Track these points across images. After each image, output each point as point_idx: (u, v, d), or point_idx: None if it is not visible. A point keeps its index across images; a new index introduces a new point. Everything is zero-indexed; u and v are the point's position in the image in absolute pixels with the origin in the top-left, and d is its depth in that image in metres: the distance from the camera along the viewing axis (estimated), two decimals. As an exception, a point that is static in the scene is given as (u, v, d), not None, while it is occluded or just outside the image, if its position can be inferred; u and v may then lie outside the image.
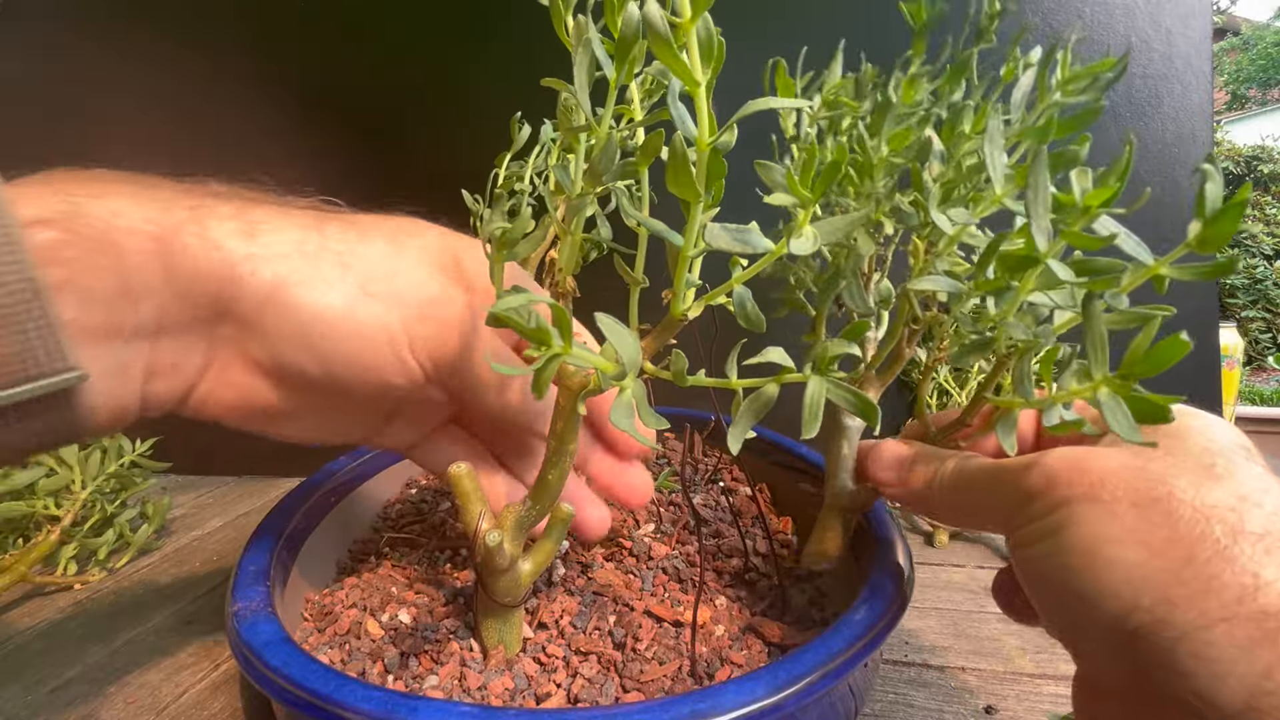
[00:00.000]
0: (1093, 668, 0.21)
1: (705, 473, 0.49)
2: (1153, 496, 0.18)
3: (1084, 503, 0.19)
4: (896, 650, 0.38)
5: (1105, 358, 0.19)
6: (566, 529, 0.29)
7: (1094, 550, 0.18)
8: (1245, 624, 0.16)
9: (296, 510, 0.37)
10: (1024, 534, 0.21)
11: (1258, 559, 0.17)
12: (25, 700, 0.35)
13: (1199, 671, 0.16)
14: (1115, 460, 0.20)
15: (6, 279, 0.19)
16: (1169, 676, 0.17)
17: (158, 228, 0.22)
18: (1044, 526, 0.20)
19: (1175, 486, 0.18)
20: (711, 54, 0.18)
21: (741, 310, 0.23)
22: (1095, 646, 0.19)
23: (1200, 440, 0.20)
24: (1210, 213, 0.18)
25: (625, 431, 0.21)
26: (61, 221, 0.20)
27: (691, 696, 0.23)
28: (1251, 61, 9.37)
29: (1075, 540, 0.19)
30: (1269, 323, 2.70)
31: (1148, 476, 0.19)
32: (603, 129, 0.22)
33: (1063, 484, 0.20)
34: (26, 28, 0.65)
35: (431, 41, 0.63)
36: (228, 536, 0.55)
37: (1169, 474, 0.19)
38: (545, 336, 0.20)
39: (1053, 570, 0.19)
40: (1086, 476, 0.19)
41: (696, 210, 0.20)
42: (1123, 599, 0.18)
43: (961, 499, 0.24)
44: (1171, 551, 0.17)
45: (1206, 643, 0.16)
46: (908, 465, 0.27)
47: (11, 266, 0.19)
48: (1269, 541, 0.17)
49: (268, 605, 0.28)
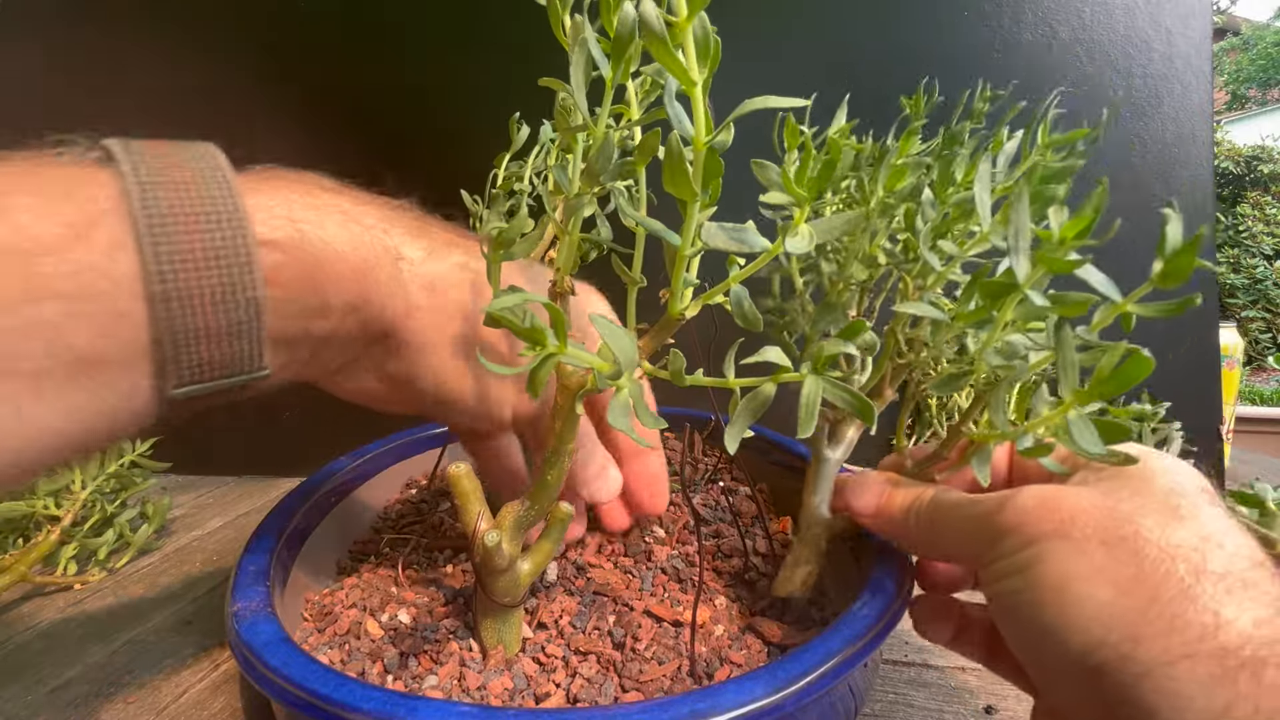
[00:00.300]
0: (1057, 700, 0.21)
1: (705, 472, 0.49)
2: (1120, 535, 0.19)
3: (1054, 539, 0.20)
4: (896, 650, 0.38)
5: (1075, 379, 0.20)
6: (565, 529, 0.29)
7: (1063, 586, 0.19)
8: (1206, 661, 0.17)
9: (296, 510, 0.37)
10: (996, 569, 0.21)
11: (1219, 598, 0.17)
12: (25, 700, 0.35)
13: (1161, 706, 0.17)
14: (1085, 499, 0.20)
15: (240, 297, 0.21)
16: (1132, 711, 0.17)
17: (360, 260, 0.25)
18: (1015, 562, 0.20)
19: (1142, 526, 0.19)
20: (708, 53, 0.18)
21: (739, 309, 0.23)
22: (1060, 679, 0.20)
23: (1165, 482, 0.21)
24: (1170, 251, 0.19)
25: (622, 431, 0.21)
26: (287, 246, 0.23)
27: (691, 696, 0.23)
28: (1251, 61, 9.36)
29: (1045, 576, 0.19)
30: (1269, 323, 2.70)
31: (1116, 516, 0.19)
32: (600, 129, 0.22)
33: (1034, 521, 0.20)
34: (27, 27, 0.65)
35: (433, 41, 0.63)
36: (228, 536, 0.55)
37: (1136, 514, 0.19)
38: (540, 336, 0.20)
39: (1022, 605, 0.20)
40: (1057, 514, 0.20)
41: (693, 209, 0.20)
42: (1090, 635, 0.18)
43: (937, 531, 0.25)
44: (1138, 590, 0.18)
45: (1170, 678, 0.17)
46: (886, 496, 0.28)
47: (244, 287, 0.21)
48: (1229, 581, 0.18)
49: (268, 605, 0.28)
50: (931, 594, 0.29)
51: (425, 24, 0.62)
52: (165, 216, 0.20)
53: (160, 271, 0.20)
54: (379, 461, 0.46)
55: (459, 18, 0.62)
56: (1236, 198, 2.89)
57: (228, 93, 0.64)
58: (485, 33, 0.62)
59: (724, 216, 0.21)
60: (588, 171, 0.23)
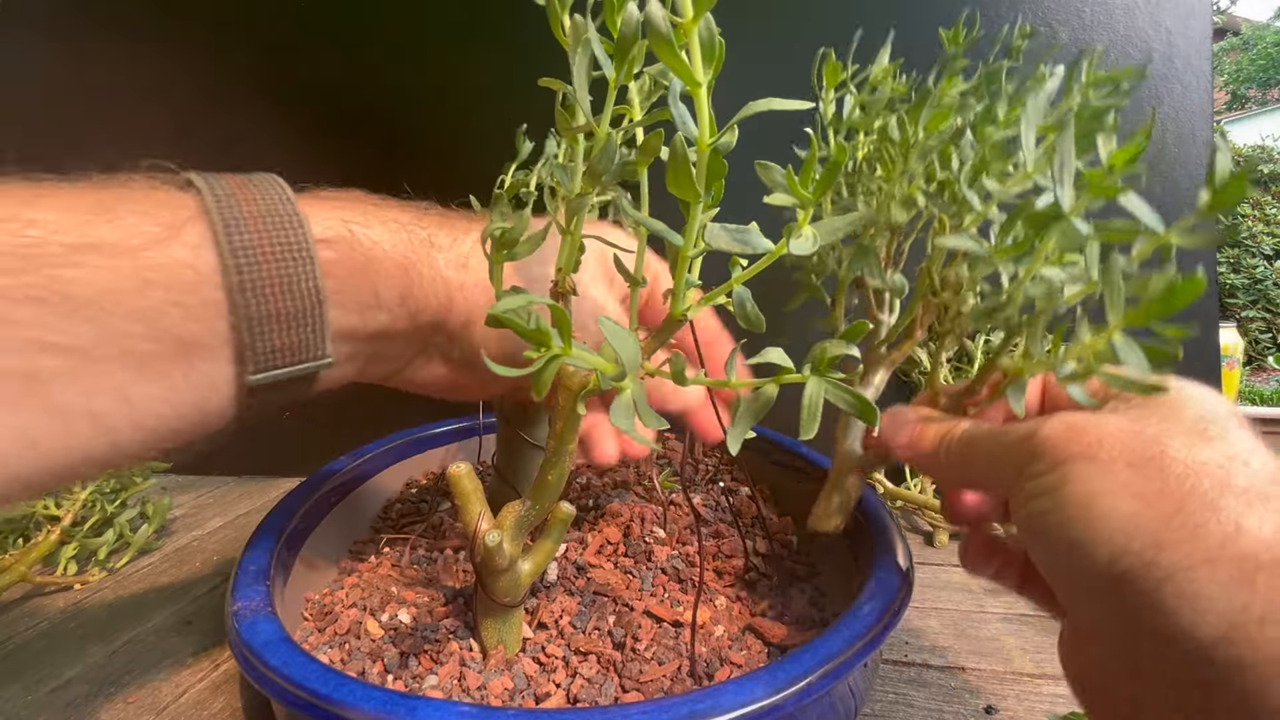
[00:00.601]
0: (1083, 618, 0.22)
1: (705, 473, 0.49)
2: (1147, 455, 0.20)
3: (1082, 461, 0.20)
4: (896, 650, 0.38)
5: (1121, 304, 0.21)
6: (566, 529, 0.29)
7: (1089, 503, 0.20)
8: (1226, 565, 0.18)
9: (296, 510, 0.37)
10: (1025, 491, 0.22)
11: (1241, 510, 0.18)
12: (25, 700, 0.35)
13: (1181, 608, 0.18)
14: (1113, 424, 0.21)
15: (302, 286, 0.24)
16: (1153, 615, 0.18)
17: (402, 257, 0.27)
18: (1045, 484, 0.21)
19: (1169, 446, 0.20)
20: (713, 54, 0.18)
21: (741, 311, 0.23)
22: (1086, 594, 0.21)
23: (1194, 408, 0.21)
24: (1220, 182, 0.19)
25: (625, 431, 0.21)
26: (339, 244, 0.26)
27: (691, 696, 0.23)
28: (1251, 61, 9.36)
29: (1072, 495, 0.20)
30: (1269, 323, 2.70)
31: (1143, 438, 0.20)
32: (602, 129, 0.22)
33: (1062, 444, 0.21)
34: (27, 26, 0.65)
35: (435, 41, 0.63)
36: (228, 536, 0.55)
37: (1163, 435, 0.20)
38: (545, 338, 0.20)
39: (1050, 525, 0.21)
40: (1085, 437, 0.21)
41: (696, 210, 0.20)
42: (1114, 545, 0.19)
43: (967, 462, 0.26)
44: (1162, 503, 0.19)
45: (1190, 581, 0.18)
46: (919, 430, 0.28)
47: (305, 277, 0.24)
48: (1251, 495, 0.19)
49: (268, 605, 0.28)
50: (977, 533, 0.29)
51: (429, 24, 0.62)
52: (238, 221, 0.23)
53: (236, 264, 0.23)
54: (379, 461, 0.46)
55: (461, 17, 0.62)
56: (1236, 198, 2.89)
57: (228, 92, 0.64)
58: (488, 33, 0.62)
59: (725, 217, 0.21)
60: (589, 172, 0.23)
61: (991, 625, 0.41)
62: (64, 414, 0.20)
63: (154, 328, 0.21)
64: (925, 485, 0.57)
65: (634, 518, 0.41)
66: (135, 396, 0.21)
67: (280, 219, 0.24)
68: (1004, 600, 0.43)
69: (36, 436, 0.20)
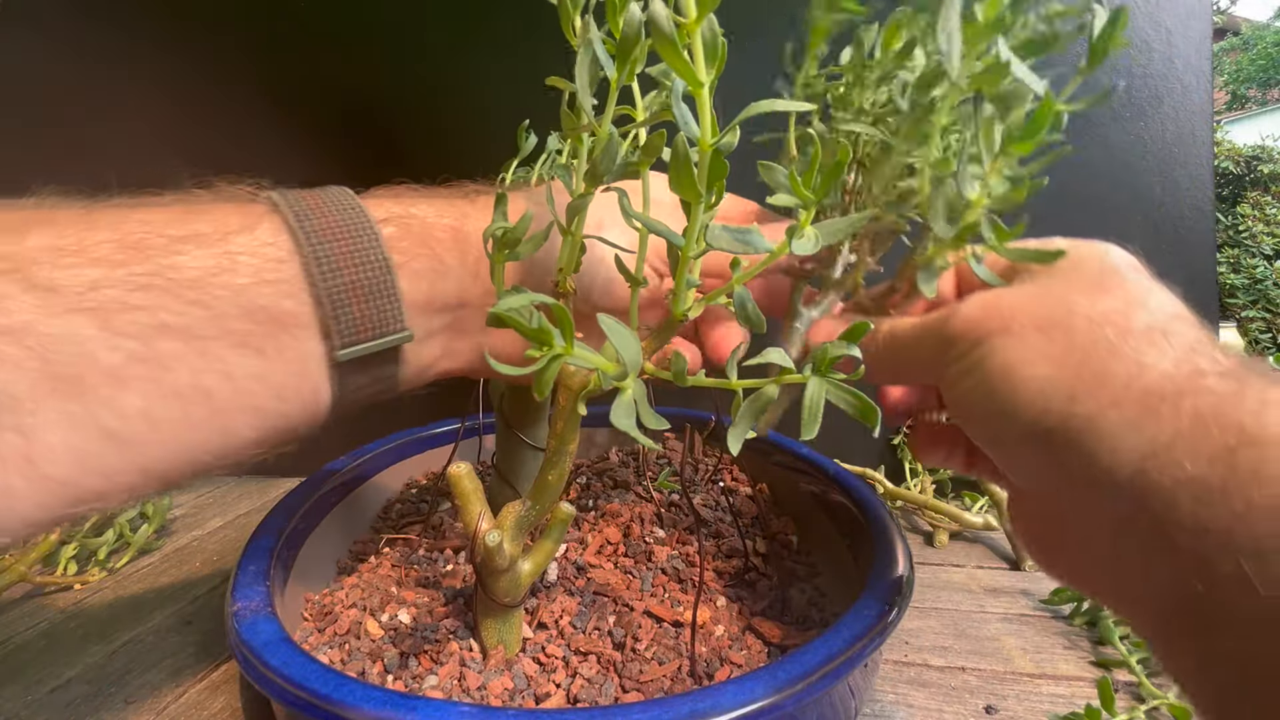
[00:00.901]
0: (1020, 476, 0.23)
1: (705, 473, 0.49)
2: (1054, 319, 0.21)
3: (997, 336, 0.22)
4: (896, 650, 0.38)
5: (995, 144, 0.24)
6: (566, 529, 0.29)
7: (1008, 374, 0.21)
8: (1132, 404, 0.19)
9: (296, 510, 0.37)
10: (951, 374, 0.23)
11: (1141, 349, 0.20)
12: (25, 700, 0.35)
13: (1099, 452, 0.19)
14: (1022, 295, 0.22)
15: (370, 258, 0.25)
16: (1078, 462, 0.20)
17: (452, 223, 0.29)
18: (966, 364, 0.22)
19: (1074, 305, 0.21)
20: (715, 55, 0.18)
21: (741, 311, 0.23)
22: (1019, 458, 0.22)
23: (1094, 265, 0.23)
24: (1097, 37, 0.22)
25: (625, 431, 0.21)
26: (397, 221, 0.27)
27: (691, 696, 0.23)
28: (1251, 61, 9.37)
29: (992, 369, 0.21)
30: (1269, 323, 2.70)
31: (1049, 302, 0.22)
32: (604, 129, 0.22)
33: (978, 323, 0.22)
34: (28, 25, 0.65)
35: (436, 40, 0.62)
36: (228, 536, 0.55)
37: (1066, 296, 0.22)
38: (547, 337, 0.20)
39: (977, 399, 0.22)
40: (997, 313, 0.22)
41: (697, 211, 0.20)
42: (1035, 407, 0.20)
43: (895, 356, 0.27)
44: (1070, 359, 0.20)
45: (1103, 424, 0.19)
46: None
47: (373, 251, 0.25)
48: (1152, 334, 0.20)
49: (268, 605, 0.28)
50: (921, 424, 0.31)
51: (430, 22, 0.62)
52: (306, 211, 0.25)
53: (310, 245, 0.24)
54: (379, 461, 0.46)
55: (462, 17, 0.62)
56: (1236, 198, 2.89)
57: (228, 92, 0.64)
58: (488, 32, 0.62)
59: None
60: (591, 171, 0.23)
61: (991, 625, 0.41)
62: (178, 394, 0.22)
63: (248, 306, 0.23)
64: (925, 485, 0.57)
65: (634, 518, 0.41)
66: (237, 374, 0.23)
67: (343, 207, 0.26)
68: (1004, 600, 0.43)
69: (158, 418, 0.21)
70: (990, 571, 0.48)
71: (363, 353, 0.25)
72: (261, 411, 0.24)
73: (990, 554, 0.50)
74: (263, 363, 0.23)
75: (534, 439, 0.38)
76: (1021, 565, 0.48)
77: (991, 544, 0.52)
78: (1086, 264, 0.23)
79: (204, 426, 0.23)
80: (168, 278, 0.21)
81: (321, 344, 0.25)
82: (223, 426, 0.23)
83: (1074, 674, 0.36)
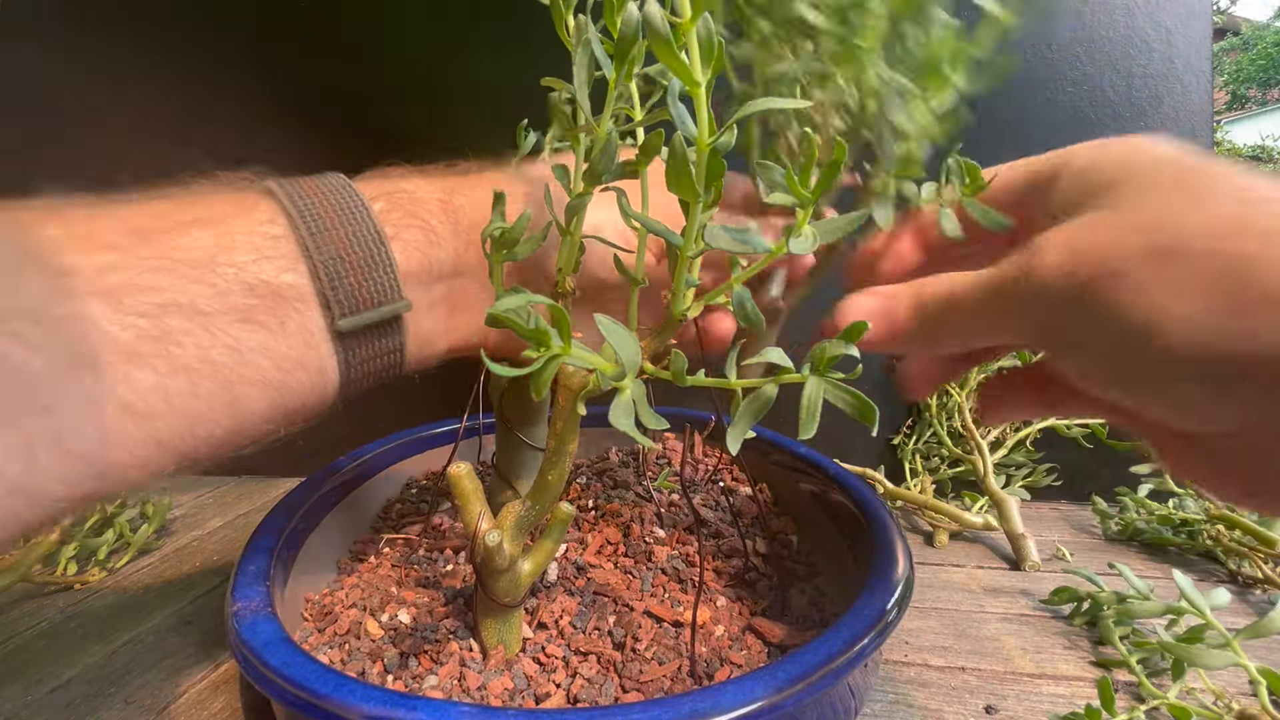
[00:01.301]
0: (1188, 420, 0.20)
1: (705, 473, 0.49)
2: (1165, 247, 0.18)
3: (1105, 280, 0.19)
4: (896, 650, 0.38)
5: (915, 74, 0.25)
6: (566, 529, 0.29)
7: (1150, 323, 0.18)
8: None
9: (296, 510, 0.37)
10: (1061, 334, 0.21)
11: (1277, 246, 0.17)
12: (25, 700, 0.35)
13: None
14: (1104, 228, 0.20)
15: (363, 233, 0.26)
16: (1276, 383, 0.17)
17: (441, 195, 0.30)
18: (1081, 318, 0.20)
19: (1179, 223, 0.19)
20: (711, 54, 0.18)
21: (740, 310, 0.23)
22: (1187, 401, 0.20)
23: (1163, 171, 0.20)
24: None
25: (624, 431, 0.21)
26: (385, 197, 0.28)
27: (691, 696, 0.23)
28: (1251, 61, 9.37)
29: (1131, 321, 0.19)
30: (1269, 323, 2.68)
31: (1145, 228, 0.19)
32: (602, 129, 0.22)
33: (1069, 272, 0.20)
34: (28, 25, 0.65)
35: (435, 40, 0.63)
36: (228, 536, 0.55)
37: (1162, 215, 0.19)
38: (544, 337, 0.20)
39: (1114, 353, 0.20)
40: (1088, 257, 0.20)
41: (695, 210, 0.20)
42: (1200, 346, 0.18)
43: (962, 320, 0.24)
44: (1215, 284, 0.18)
45: None
46: (887, 303, 0.26)
47: (364, 225, 0.27)
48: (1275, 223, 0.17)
49: (268, 605, 0.28)
50: (987, 388, 0.28)
51: (426, 23, 0.62)
52: (300, 192, 0.26)
53: (305, 223, 0.26)
54: (379, 461, 0.46)
55: (462, 16, 0.62)
56: (1236, 198, 2.89)
57: (228, 91, 0.64)
58: (488, 32, 0.62)
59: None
60: (589, 171, 0.23)
61: (991, 625, 0.41)
62: (187, 368, 0.22)
63: (250, 281, 0.24)
64: (925, 485, 0.57)
65: (634, 518, 0.41)
66: (243, 347, 0.24)
67: (334, 188, 0.27)
68: (1004, 600, 0.43)
69: (170, 391, 0.22)
70: (990, 571, 0.48)
71: (363, 323, 0.26)
72: (269, 384, 0.25)
73: (990, 554, 0.50)
74: (267, 336, 0.24)
75: (534, 439, 0.38)
76: (1022, 565, 0.47)
77: (991, 544, 0.52)
78: (1157, 172, 0.20)
79: (214, 399, 0.23)
80: (174, 259, 0.23)
81: (322, 316, 0.26)
82: (232, 399, 0.24)
83: (1074, 674, 0.36)
